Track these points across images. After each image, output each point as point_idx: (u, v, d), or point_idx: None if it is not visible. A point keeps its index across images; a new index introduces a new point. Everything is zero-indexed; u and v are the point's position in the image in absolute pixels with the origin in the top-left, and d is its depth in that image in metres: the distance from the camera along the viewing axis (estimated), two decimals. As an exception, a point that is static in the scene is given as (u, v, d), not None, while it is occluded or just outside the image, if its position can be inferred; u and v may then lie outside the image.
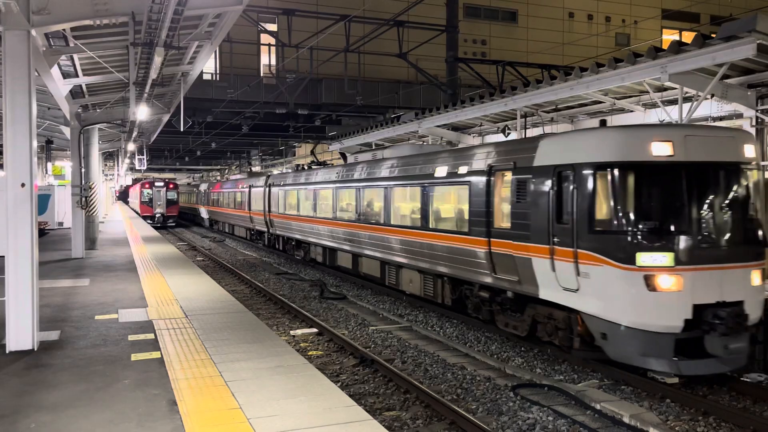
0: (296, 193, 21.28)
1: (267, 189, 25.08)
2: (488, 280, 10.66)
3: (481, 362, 9.97)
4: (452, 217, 11.96)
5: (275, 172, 37.56)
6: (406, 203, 13.81)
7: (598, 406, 7.81)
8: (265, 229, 26.10)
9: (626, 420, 7.43)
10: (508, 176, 9.95)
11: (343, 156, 23.14)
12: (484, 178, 10.61)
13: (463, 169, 11.32)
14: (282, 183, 23.23)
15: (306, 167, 23.22)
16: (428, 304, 13.99)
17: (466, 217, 11.13)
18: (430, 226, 12.50)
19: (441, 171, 12.15)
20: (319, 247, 19.79)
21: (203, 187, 44.55)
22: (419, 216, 12.92)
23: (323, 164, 22.47)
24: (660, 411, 7.77)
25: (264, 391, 6.23)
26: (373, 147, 19.70)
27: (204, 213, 44.44)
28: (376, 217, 14.91)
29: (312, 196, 19.49)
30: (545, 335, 9.77)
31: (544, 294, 9.26)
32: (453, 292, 12.25)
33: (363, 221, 15.69)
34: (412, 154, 14.35)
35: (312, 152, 25.51)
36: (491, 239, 10.36)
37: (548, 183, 8.99)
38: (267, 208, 25.08)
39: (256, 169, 49.91)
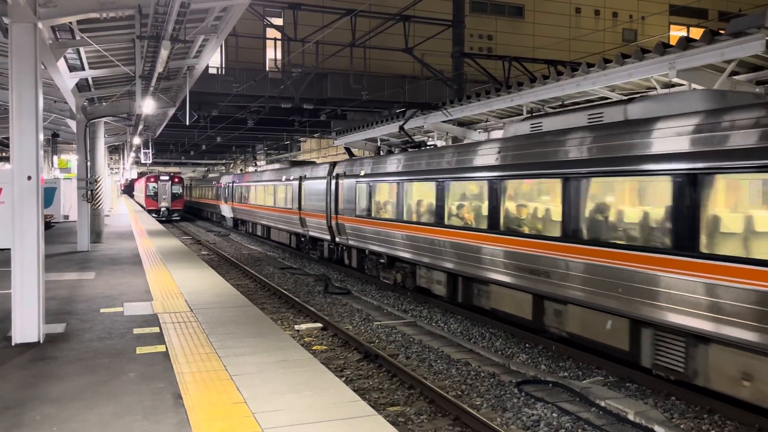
0: (395, 188, 14.51)
1: (333, 181, 18.49)
2: None
3: (486, 358, 9.97)
4: None
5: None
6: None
7: (602, 403, 7.79)
8: (327, 237, 19.26)
9: (631, 417, 7.41)
10: None
11: (349, 151, 23.09)
12: None
13: None
14: (361, 173, 16.36)
15: (401, 150, 16.11)
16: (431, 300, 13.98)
17: None
18: None
19: None
20: (438, 272, 13.04)
21: (225, 180, 38.13)
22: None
23: (420, 146, 15.34)
24: (665, 408, 7.75)
25: (269, 385, 6.23)
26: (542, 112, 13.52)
27: (226, 211, 37.92)
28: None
29: (433, 194, 12.81)
30: None
31: None
32: None
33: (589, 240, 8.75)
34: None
35: (401, 129, 16.40)
36: None
37: None
38: (332, 208, 18.44)
39: (261, 163, 49.79)
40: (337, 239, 18.43)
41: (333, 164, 19.03)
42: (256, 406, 5.67)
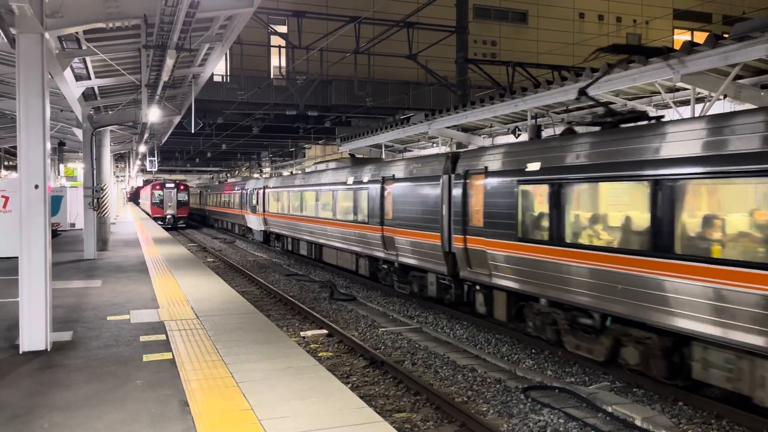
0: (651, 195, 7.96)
1: (457, 183, 12.26)
2: None
3: (492, 364, 9.95)
4: None
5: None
6: None
7: (609, 409, 7.77)
8: (437, 267, 13.06)
9: (638, 423, 7.38)
10: None
11: (353, 157, 23.09)
12: None
13: None
14: (530, 167, 10.14)
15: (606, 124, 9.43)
16: (437, 305, 13.96)
17: None
18: None
19: None
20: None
21: (253, 185, 31.35)
22: None
23: (641, 118, 9.08)
24: (672, 414, 7.71)
25: (275, 392, 6.24)
26: None
27: (254, 222, 31.37)
28: None
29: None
30: None
31: None
32: None
33: None
34: None
35: (583, 93, 10.23)
36: None
37: None
38: (454, 224, 12.30)
39: (267, 170, 49.78)
40: (462, 273, 12.13)
41: (451, 156, 12.78)
42: (263, 412, 5.68)
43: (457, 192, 12.23)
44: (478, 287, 11.88)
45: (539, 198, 9.94)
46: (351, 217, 17.63)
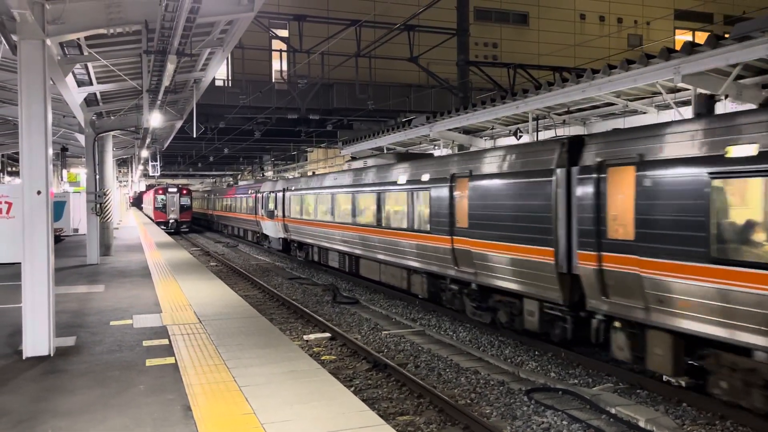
0: None
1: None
2: None
3: (495, 366, 9.94)
4: None
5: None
6: None
7: (613, 410, 7.75)
8: (550, 294, 9.93)
9: (642, 424, 7.36)
10: None
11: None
12: None
13: None
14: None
15: None
16: (441, 308, 13.95)
17: None
18: None
19: None
20: None
21: (270, 187, 28.36)
22: None
23: None
24: (676, 415, 7.69)
25: (277, 396, 6.24)
26: None
27: (271, 229, 28.13)
28: None
29: None
30: None
31: None
32: None
33: None
34: None
35: None
36: None
37: None
38: (572, 238, 9.58)
39: (269, 173, 49.76)
40: (592, 303, 9.11)
41: (568, 144, 9.71)
42: (265, 416, 5.68)
43: (584, 191, 9.14)
44: (617, 324, 8.78)
45: (755, 197, 6.88)
46: (403, 224, 14.59)
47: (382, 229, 15.77)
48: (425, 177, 13.62)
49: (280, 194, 26.26)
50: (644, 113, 12.51)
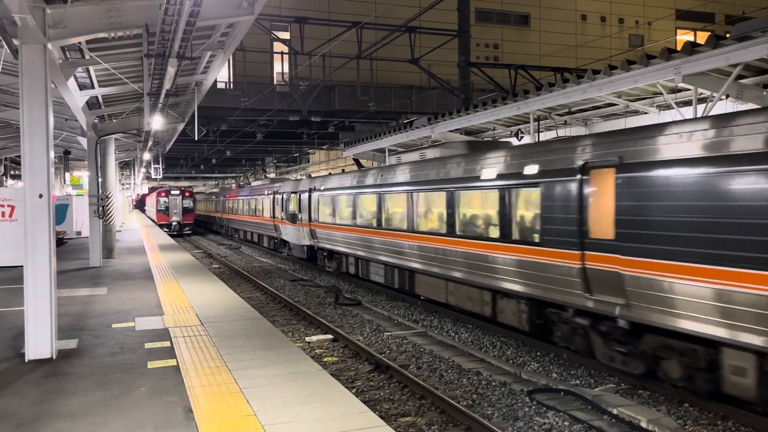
0: None
1: None
2: None
3: (497, 367, 9.93)
4: None
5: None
6: None
7: (615, 411, 7.74)
8: None
9: (644, 425, 7.36)
10: None
11: (357, 162, 23.09)
12: None
13: None
14: None
15: None
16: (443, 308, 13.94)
17: None
18: None
19: None
20: None
21: (291, 187, 25.05)
22: None
23: None
24: (678, 416, 7.68)
25: (278, 397, 6.26)
26: None
27: (293, 234, 24.71)
28: None
29: None
30: None
31: None
32: None
33: None
34: None
35: None
36: None
37: None
38: None
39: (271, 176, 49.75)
40: None
41: None
42: (266, 418, 5.69)
43: None
44: None
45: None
46: (490, 232, 11.34)
47: (456, 239, 12.43)
48: (530, 170, 10.23)
49: (305, 195, 22.84)
50: (645, 113, 12.51)
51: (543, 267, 9.85)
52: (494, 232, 11.22)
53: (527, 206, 10.40)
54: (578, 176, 9.10)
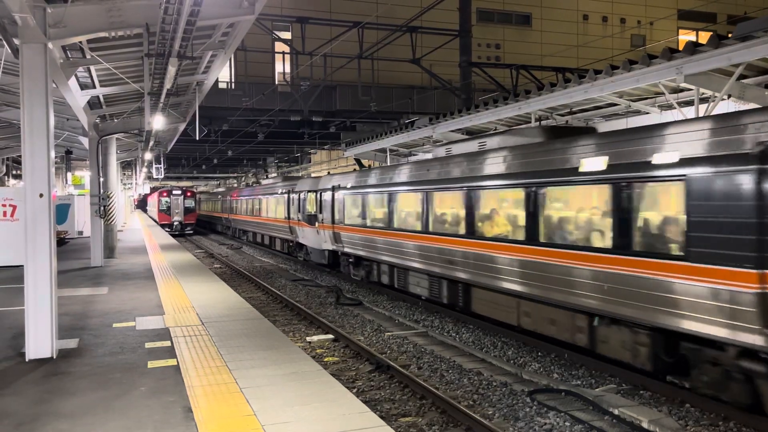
0: None
1: None
2: None
3: (498, 367, 9.92)
4: None
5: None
6: None
7: (616, 411, 7.72)
8: None
9: (645, 425, 7.34)
10: None
11: (358, 162, 23.08)
12: None
13: None
14: None
15: None
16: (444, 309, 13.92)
17: None
18: None
19: None
20: None
21: (307, 186, 23.10)
22: None
23: None
24: (679, 416, 7.66)
25: (279, 397, 6.24)
26: None
27: (312, 238, 22.40)
28: None
29: None
30: None
31: None
32: None
33: None
34: None
35: None
36: None
37: None
38: None
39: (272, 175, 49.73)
40: None
41: None
42: (266, 418, 5.68)
43: None
44: None
45: None
46: (598, 241, 8.90)
47: (539, 247, 9.97)
48: (665, 158, 7.76)
49: (326, 194, 20.25)
50: (647, 113, 12.49)
51: (687, 289, 7.43)
52: (599, 241, 8.88)
53: (660, 206, 8.07)
54: (755, 165, 6.61)
